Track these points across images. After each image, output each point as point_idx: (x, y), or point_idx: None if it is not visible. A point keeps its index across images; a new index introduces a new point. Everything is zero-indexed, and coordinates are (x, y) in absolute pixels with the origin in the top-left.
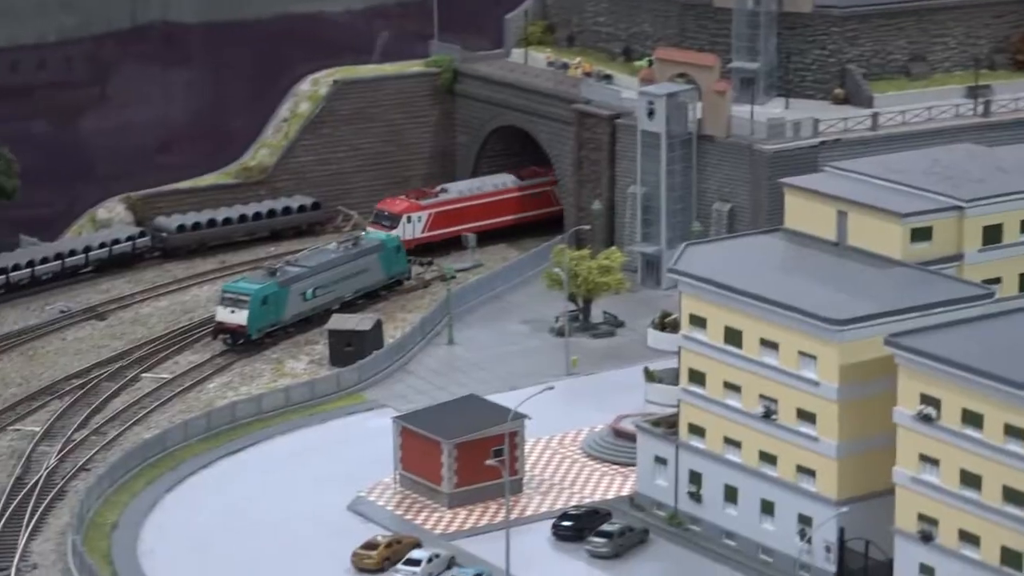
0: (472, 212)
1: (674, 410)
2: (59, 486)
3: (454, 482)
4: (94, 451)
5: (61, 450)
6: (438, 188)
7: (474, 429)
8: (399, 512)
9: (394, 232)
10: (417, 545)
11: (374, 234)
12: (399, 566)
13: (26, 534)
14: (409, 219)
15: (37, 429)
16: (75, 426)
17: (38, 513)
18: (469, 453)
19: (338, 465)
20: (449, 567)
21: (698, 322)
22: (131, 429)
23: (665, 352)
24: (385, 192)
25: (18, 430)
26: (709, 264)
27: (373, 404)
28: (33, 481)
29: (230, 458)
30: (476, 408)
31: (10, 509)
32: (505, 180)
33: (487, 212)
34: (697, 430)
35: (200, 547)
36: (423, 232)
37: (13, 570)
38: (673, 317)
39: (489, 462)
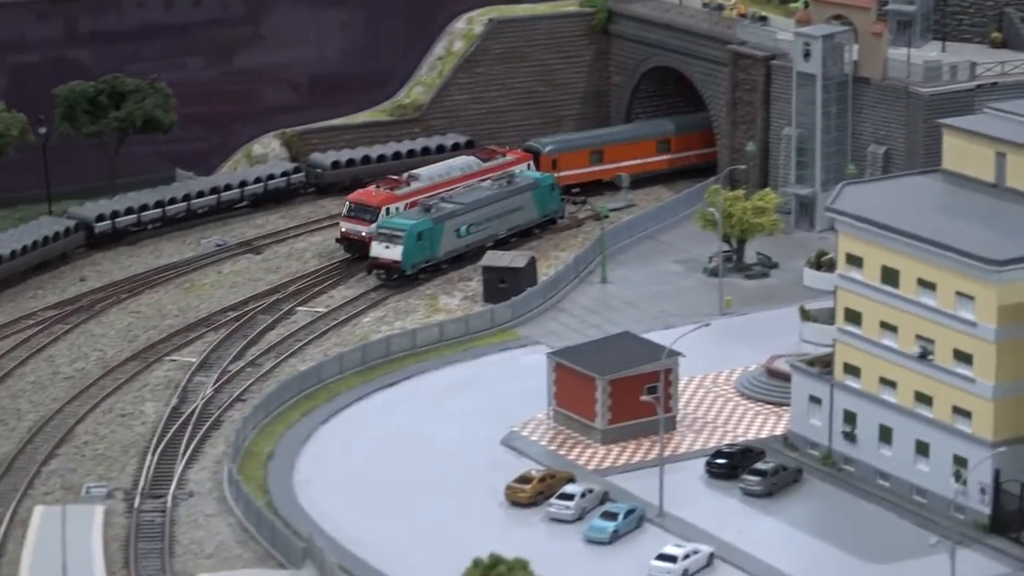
0: None
1: (829, 350)
2: (215, 416)
3: (608, 418)
4: (249, 382)
5: (217, 381)
6: (406, 176)
7: (628, 366)
8: (552, 447)
9: (373, 227)
10: (571, 480)
11: (528, 172)
12: (552, 500)
13: (183, 463)
14: (387, 211)
15: (193, 360)
16: (231, 357)
17: (194, 442)
18: (623, 390)
19: (491, 400)
20: (602, 502)
21: (855, 261)
22: (286, 361)
23: (820, 291)
24: (537, 132)
25: (175, 360)
26: (867, 204)
27: (526, 340)
28: (189, 411)
29: (385, 391)
30: (630, 345)
31: (167, 438)
32: (469, 163)
33: None
34: (852, 370)
35: (355, 478)
36: None
37: (170, 497)
38: (829, 256)
39: (644, 398)
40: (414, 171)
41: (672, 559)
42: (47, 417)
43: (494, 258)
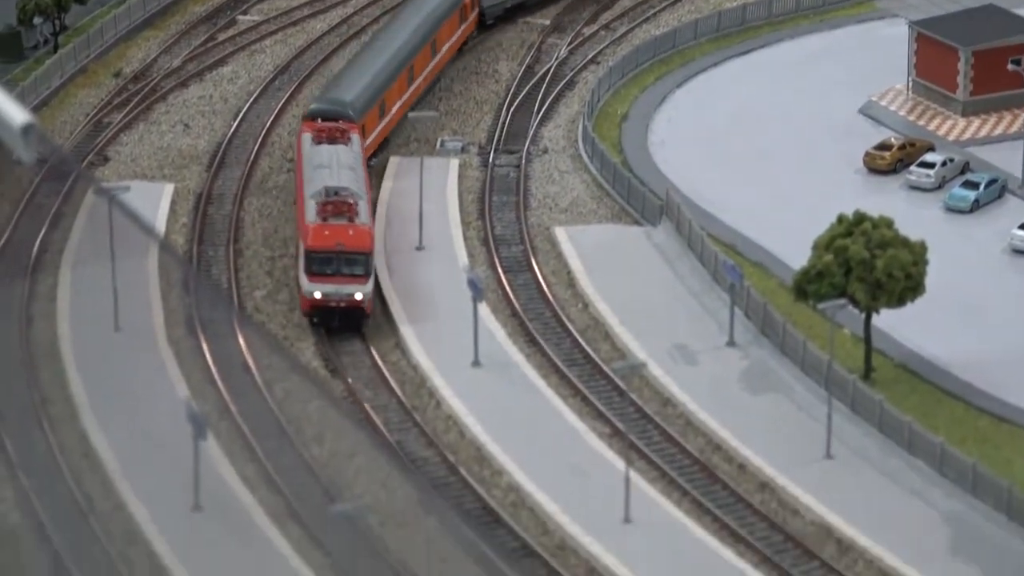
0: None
1: None
2: (569, 77)
3: (969, 90)
4: (603, 45)
5: (571, 43)
6: (333, 192)
7: (994, 37)
8: (911, 117)
9: (368, 284)
10: (930, 149)
11: None
12: (912, 168)
13: (537, 120)
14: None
15: (546, 22)
16: (584, 21)
17: (548, 101)
18: (987, 61)
19: (849, 70)
20: (962, 172)
21: None
22: (640, 27)
23: None
24: None
25: (527, 22)
26: None
27: (885, 13)
28: (543, 71)
29: (740, 59)
30: (996, 17)
31: (521, 96)
32: (351, 160)
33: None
34: None
35: (710, 142)
36: None
37: (524, 152)
38: None
39: (1011, 67)
40: (331, 186)
41: None
42: None
43: None
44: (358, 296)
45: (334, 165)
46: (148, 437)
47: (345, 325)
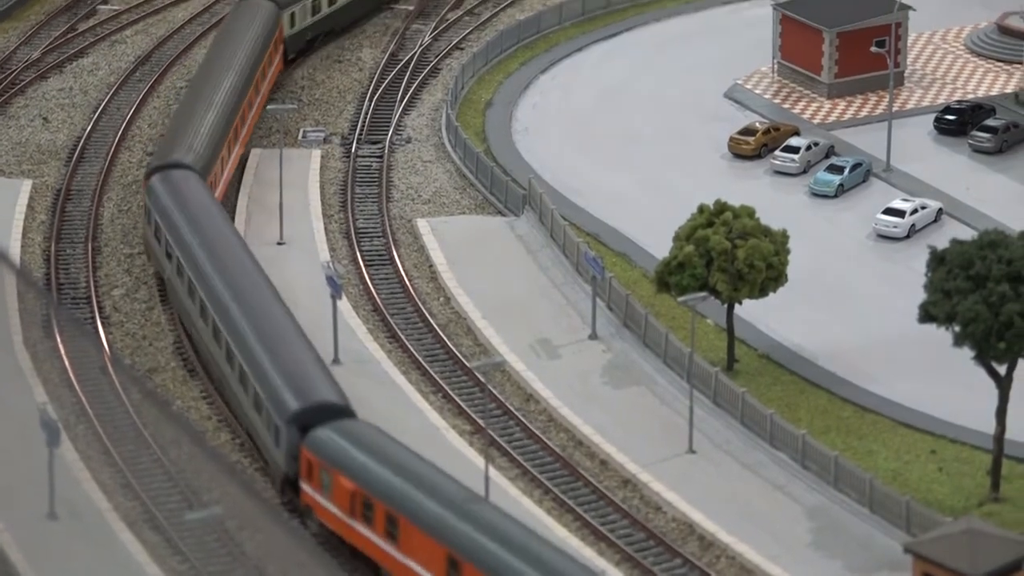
0: None
1: None
2: (432, 64)
3: (834, 72)
4: (468, 31)
5: (435, 29)
6: None
7: (858, 18)
8: (776, 100)
9: None
10: (795, 133)
11: None
12: (777, 153)
13: (400, 109)
14: None
15: (410, 8)
16: (448, 6)
17: (412, 89)
18: (851, 43)
19: (715, 53)
20: (827, 156)
21: None
22: (505, 11)
23: None
24: None
25: (392, 8)
26: None
27: None
28: (407, 58)
29: (605, 43)
30: None
31: (384, 84)
32: None
33: None
34: None
35: (575, 129)
36: None
37: (387, 142)
38: None
39: (873, 50)
40: None
41: (900, 213)
42: None
43: None
44: None
45: None
46: (2, 443)
47: None
